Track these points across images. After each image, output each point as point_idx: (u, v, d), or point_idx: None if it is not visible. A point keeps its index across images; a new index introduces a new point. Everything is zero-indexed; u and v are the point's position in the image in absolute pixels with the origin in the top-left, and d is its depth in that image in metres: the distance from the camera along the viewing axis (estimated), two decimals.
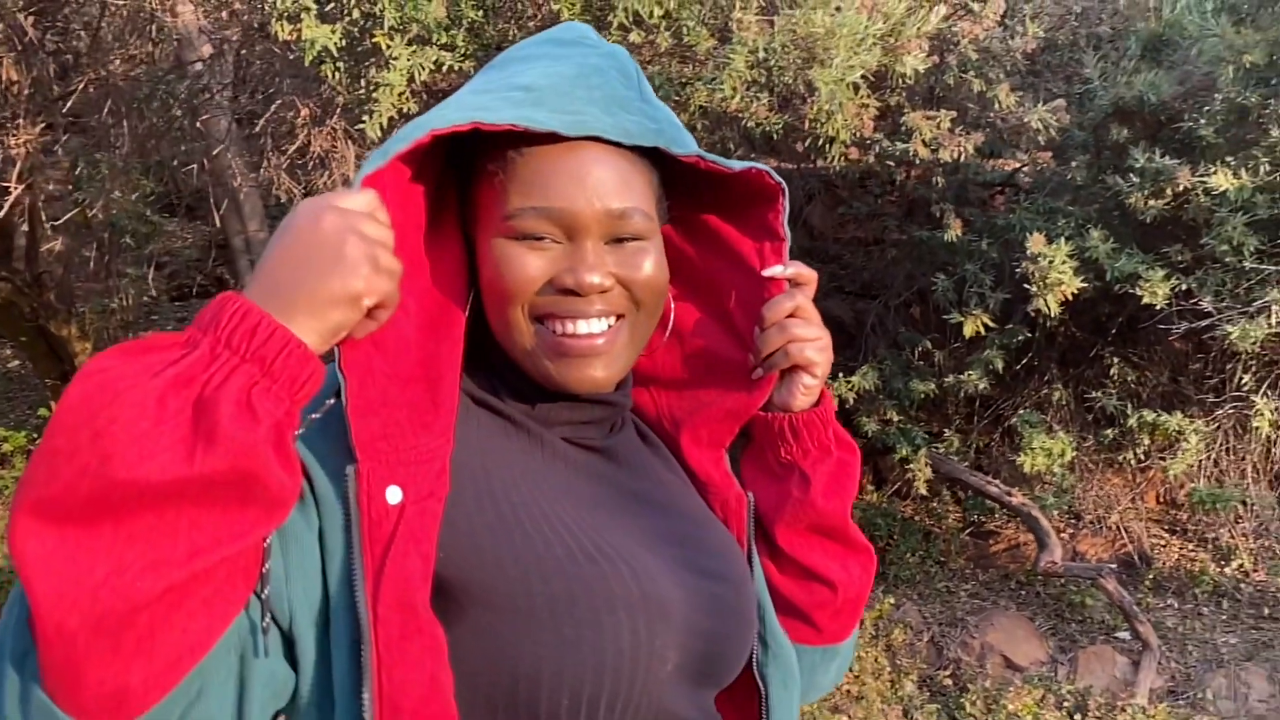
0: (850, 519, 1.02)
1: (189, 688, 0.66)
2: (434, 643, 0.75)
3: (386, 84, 3.26)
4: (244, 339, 0.67)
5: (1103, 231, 4.38)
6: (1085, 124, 4.58)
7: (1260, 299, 4.19)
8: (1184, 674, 4.66)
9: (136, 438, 0.61)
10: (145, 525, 0.61)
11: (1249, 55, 3.83)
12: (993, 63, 3.82)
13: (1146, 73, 4.23)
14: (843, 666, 1.12)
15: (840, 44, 3.24)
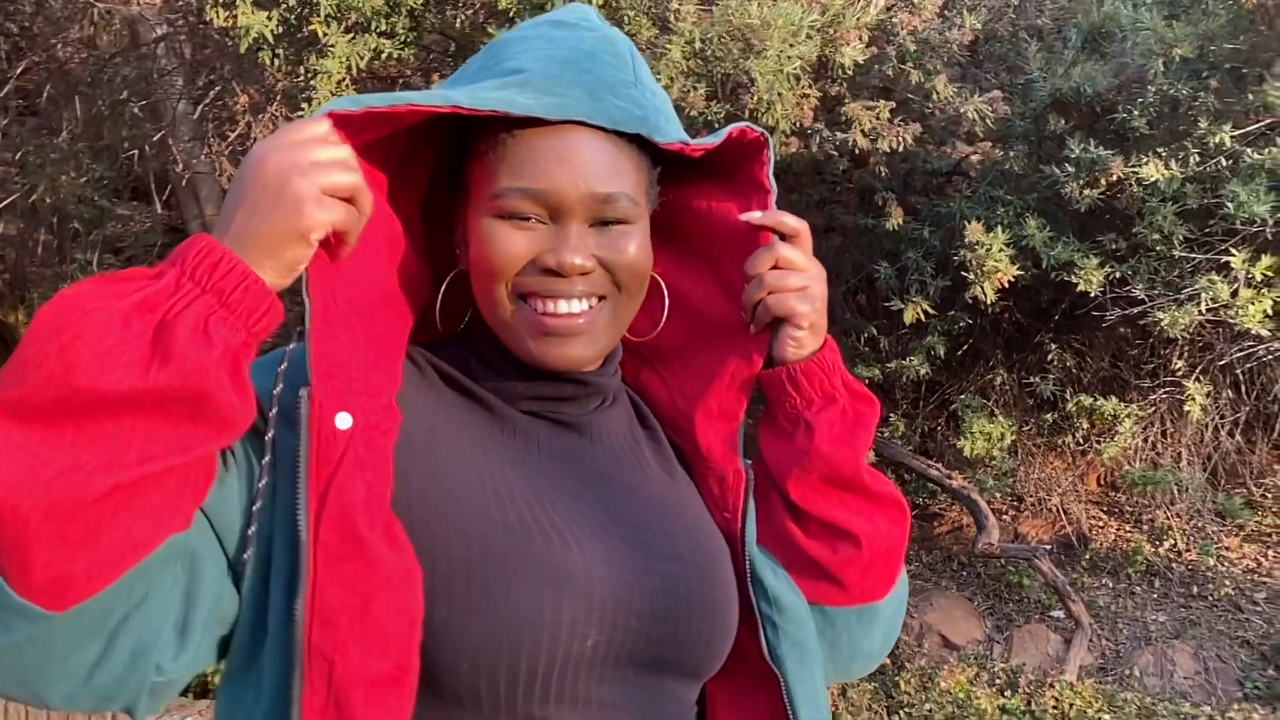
0: (866, 469, 0.97)
1: (131, 589, 0.70)
2: (372, 572, 0.76)
3: (324, 71, 3.28)
4: (206, 272, 0.72)
5: (1040, 220, 4.47)
6: (1027, 114, 4.66)
7: (1189, 287, 4.31)
8: (1114, 651, 4.80)
9: (99, 352, 0.67)
10: (103, 430, 0.67)
11: (1179, 49, 3.92)
12: (931, 54, 3.88)
13: (1084, 64, 4.31)
14: (890, 632, 1.06)
15: (775, 35, 3.29)
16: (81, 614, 0.69)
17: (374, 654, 0.75)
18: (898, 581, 1.02)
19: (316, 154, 0.77)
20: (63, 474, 0.66)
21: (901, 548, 1.01)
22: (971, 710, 4.07)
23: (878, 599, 1.00)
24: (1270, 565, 5.31)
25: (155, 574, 0.72)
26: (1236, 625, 4.91)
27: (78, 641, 0.70)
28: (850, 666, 1.05)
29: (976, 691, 4.27)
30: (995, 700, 4.22)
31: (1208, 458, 5.46)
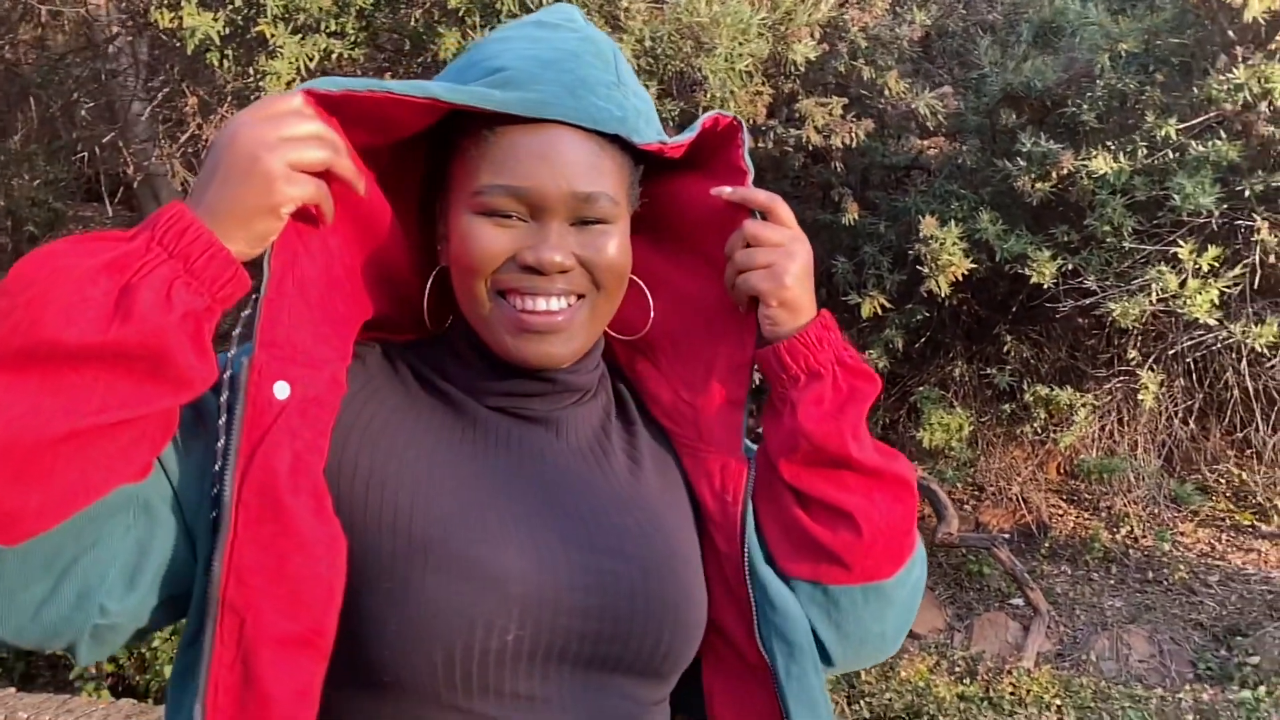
0: (861, 444, 0.94)
1: (81, 533, 0.74)
2: (289, 536, 0.78)
3: (273, 73, 3.27)
4: (174, 239, 0.76)
5: (993, 214, 4.53)
6: (980, 109, 4.72)
7: (1139, 277, 4.38)
8: (1072, 637, 4.88)
9: (65, 307, 0.71)
10: (65, 379, 0.71)
11: (1124, 44, 3.98)
12: (882, 50, 3.92)
13: (1034, 59, 4.37)
14: (904, 614, 1.01)
15: (724, 33, 3.31)
16: (31, 550, 0.72)
17: (285, 615, 0.78)
18: (908, 561, 0.98)
19: (288, 129, 0.79)
20: (22, 416, 0.70)
21: (908, 525, 0.97)
22: (930, 698, 4.12)
23: (883, 578, 0.96)
24: (1223, 549, 5.41)
25: (106, 522, 0.75)
26: (1190, 608, 5.01)
27: (26, 577, 0.73)
28: (861, 650, 1.00)
29: (936, 680, 4.32)
30: (954, 688, 4.27)
31: (1163, 445, 5.55)
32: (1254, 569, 5.23)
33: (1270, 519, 5.54)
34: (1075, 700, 4.22)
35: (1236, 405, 5.27)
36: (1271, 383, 5.24)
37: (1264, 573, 5.19)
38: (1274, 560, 5.28)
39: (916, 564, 1.00)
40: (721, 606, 0.96)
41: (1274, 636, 4.67)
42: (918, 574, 1.01)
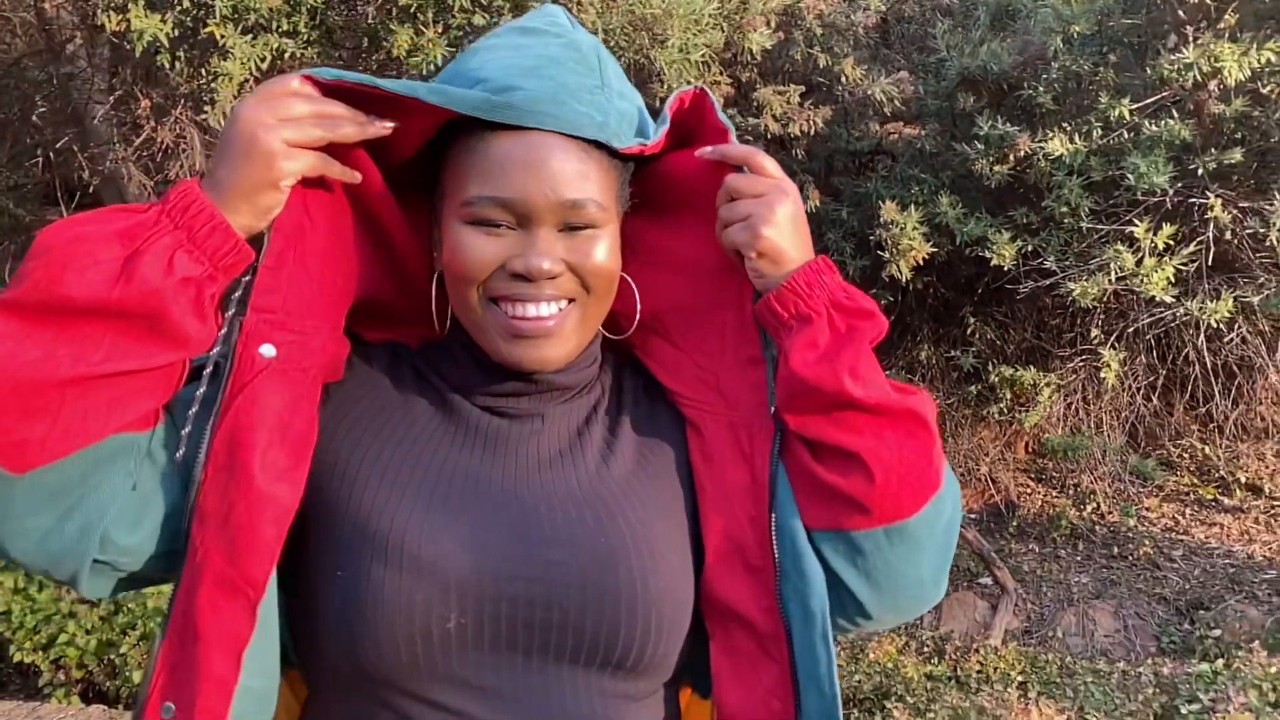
0: (863, 383, 0.90)
1: (85, 475, 0.82)
2: (239, 488, 0.84)
3: (225, 74, 3.24)
4: (180, 212, 0.83)
5: (953, 197, 4.57)
6: (940, 93, 4.75)
7: (1097, 257, 4.43)
8: (1039, 614, 4.95)
9: (79, 268, 0.79)
10: (76, 331, 0.80)
11: (1076, 26, 4.01)
12: (838, 37, 3.93)
13: (990, 43, 4.40)
14: (939, 555, 0.96)
15: (676, 24, 3.32)
16: (37, 483, 0.81)
17: (224, 558, 0.84)
18: (933, 499, 0.92)
19: (284, 110, 0.85)
20: (36, 360, 0.79)
21: (926, 460, 0.92)
22: (899, 679, 4.18)
23: (904, 517, 0.92)
24: (1187, 523, 5.49)
25: (108, 466, 0.83)
26: (1155, 583, 5.09)
27: (33, 507, 0.82)
28: (899, 599, 0.95)
29: (904, 660, 4.38)
30: (922, 668, 4.33)
31: (1128, 422, 5.62)
32: (1216, 543, 5.31)
33: (1233, 493, 5.62)
34: (1041, 676, 4.28)
35: (1198, 380, 5.34)
36: (1231, 357, 5.31)
37: (1226, 546, 5.27)
38: (1236, 534, 5.36)
39: (945, 501, 0.94)
40: (734, 579, 0.94)
41: (1235, 610, 4.75)
42: (949, 512, 0.95)
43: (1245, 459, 5.77)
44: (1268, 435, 5.61)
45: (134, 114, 3.55)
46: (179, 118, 3.58)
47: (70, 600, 4.03)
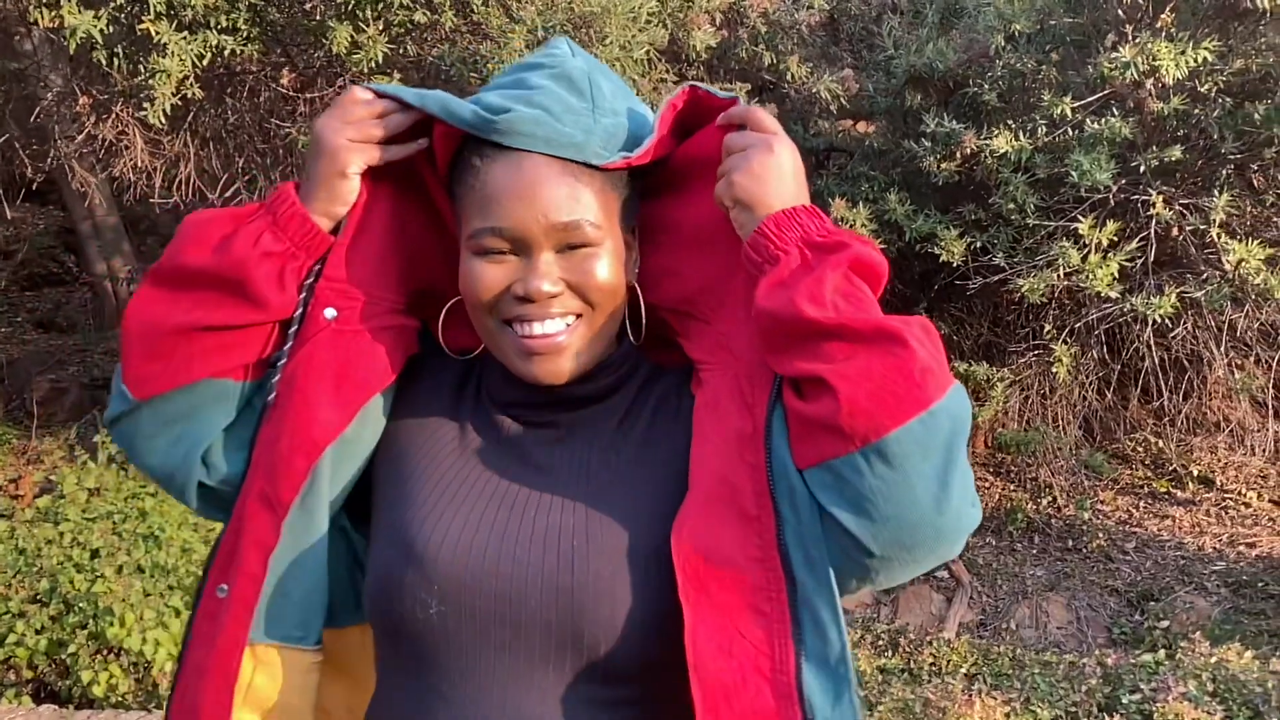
0: (820, 304, 0.90)
1: (192, 410, 1.01)
2: (285, 421, 1.00)
3: (163, 71, 3.24)
4: (274, 203, 1.02)
5: (902, 194, 4.61)
6: (889, 90, 4.79)
7: (1044, 253, 4.48)
8: (993, 606, 4.99)
9: (194, 243, 1.00)
10: (187, 293, 1.00)
11: (1017, 24, 4.05)
12: (782, 35, 3.96)
13: (936, 41, 4.43)
14: (944, 471, 0.89)
15: (614, 22, 3.33)
16: (155, 410, 1.01)
17: (265, 478, 1.00)
18: (920, 414, 0.87)
19: (348, 114, 1.01)
20: (158, 313, 1.00)
21: (903, 375, 0.88)
22: None
23: (881, 435, 0.88)
24: (1140, 516, 5.55)
25: (208, 406, 1.02)
26: (1107, 575, 5.14)
27: (153, 428, 1.03)
28: (897, 529, 0.89)
29: (858, 653, 4.40)
30: (875, 661, 4.36)
31: (1083, 416, 5.68)
32: (1168, 535, 5.37)
33: (1185, 486, 5.68)
34: (993, 669, 4.32)
35: (1150, 375, 5.40)
36: (1181, 352, 5.37)
37: (1178, 539, 5.33)
38: (1187, 526, 5.42)
39: (940, 418, 0.88)
40: (725, 527, 0.92)
41: (1184, 601, 4.81)
42: (946, 429, 0.88)
43: (1198, 452, 5.84)
44: (1219, 429, 5.68)
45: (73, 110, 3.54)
46: (119, 115, 3.57)
47: (19, 600, 4.01)
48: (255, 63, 3.74)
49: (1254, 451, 5.52)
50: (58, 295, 9.53)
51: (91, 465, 4.85)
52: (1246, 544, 5.19)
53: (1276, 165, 4.35)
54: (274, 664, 1.00)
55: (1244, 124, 4.20)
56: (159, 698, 3.64)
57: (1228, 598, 4.81)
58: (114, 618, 3.76)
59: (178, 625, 3.66)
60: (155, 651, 3.59)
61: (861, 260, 0.92)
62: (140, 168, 3.77)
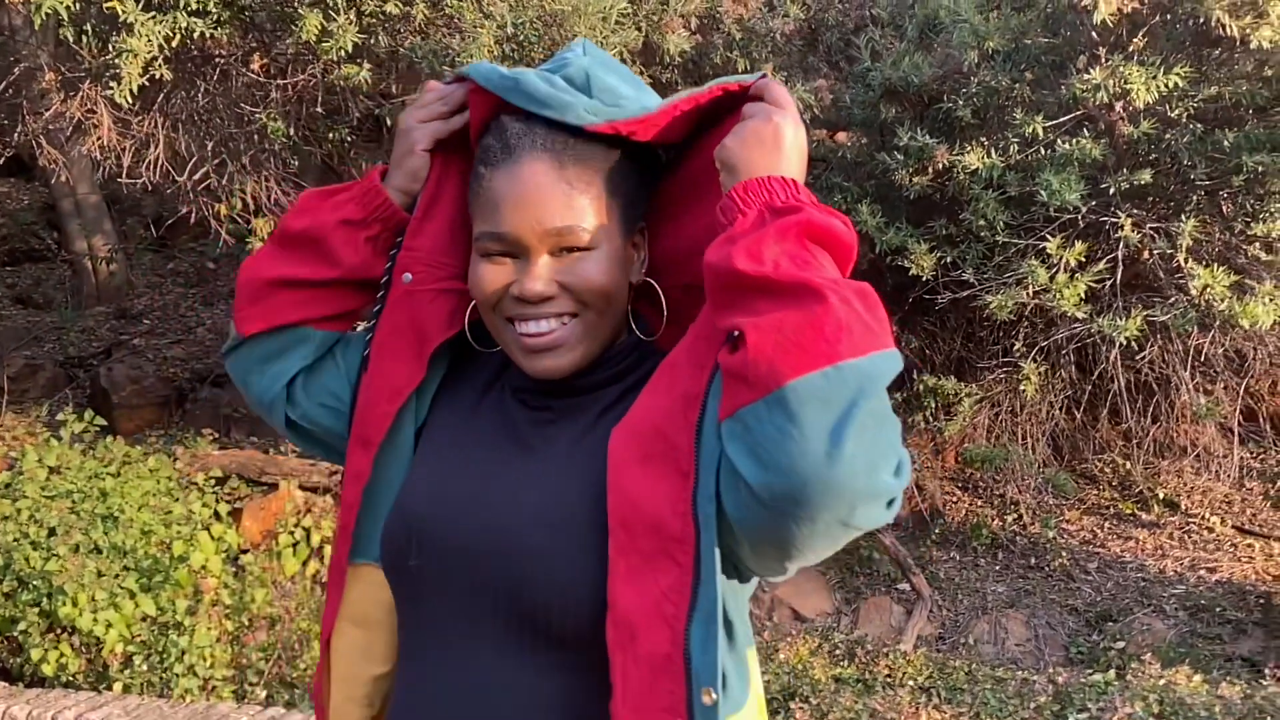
0: (754, 258, 0.91)
1: (280, 348, 1.19)
2: (371, 375, 1.14)
3: (130, 50, 3.23)
4: (361, 182, 1.19)
5: (874, 206, 4.62)
6: (866, 102, 4.80)
7: (1012, 270, 4.49)
8: (953, 621, 5.00)
9: (299, 212, 1.19)
10: (286, 251, 1.19)
11: (990, 41, 4.07)
12: (757, 42, 3.97)
13: (913, 55, 4.45)
14: (829, 428, 0.87)
15: (583, 21, 3.34)
16: (254, 346, 1.20)
17: (360, 421, 1.14)
18: (824, 368, 0.87)
19: (421, 100, 1.15)
20: (264, 267, 1.20)
21: (813, 328, 0.88)
22: (806, 680, 4.20)
23: (780, 384, 0.88)
24: (1105, 537, 5.56)
25: (295, 346, 1.19)
26: (1068, 594, 5.15)
27: (252, 362, 1.22)
28: (788, 478, 0.87)
29: (815, 662, 4.41)
30: (831, 670, 4.36)
31: (1052, 435, 5.69)
32: (1131, 557, 5.38)
33: (1150, 508, 5.70)
34: (948, 682, 4.32)
35: (1119, 396, 5.41)
36: (1151, 375, 5.39)
37: (1139, 560, 5.35)
38: (1150, 548, 5.44)
39: (846, 374, 0.87)
40: (659, 480, 0.95)
41: (1142, 623, 4.82)
42: (852, 386, 0.87)
43: (1165, 475, 5.86)
44: (1186, 453, 5.70)
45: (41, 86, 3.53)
46: (88, 93, 3.56)
47: None
48: (226, 47, 3.73)
49: (1220, 477, 5.54)
50: (38, 271, 9.50)
51: (54, 443, 4.84)
52: (1207, 568, 5.21)
53: (1245, 193, 4.37)
54: (365, 581, 1.13)
55: (1214, 151, 4.21)
56: (109, 678, 3.62)
57: (1185, 621, 4.83)
58: (66, 597, 3.75)
59: (130, 607, 3.65)
60: (106, 632, 3.57)
61: (816, 226, 0.92)
62: (109, 147, 3.76)
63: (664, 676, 0.93)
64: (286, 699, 3.42)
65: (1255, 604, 4.87)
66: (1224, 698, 3.54)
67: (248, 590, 3.63)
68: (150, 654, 3.55)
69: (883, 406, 0.90)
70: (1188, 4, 4.04)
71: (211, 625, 3.46)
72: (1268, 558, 5.22)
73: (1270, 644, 4.43)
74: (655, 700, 0.93)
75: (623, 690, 0.94)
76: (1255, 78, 4.31)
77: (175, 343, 8.28)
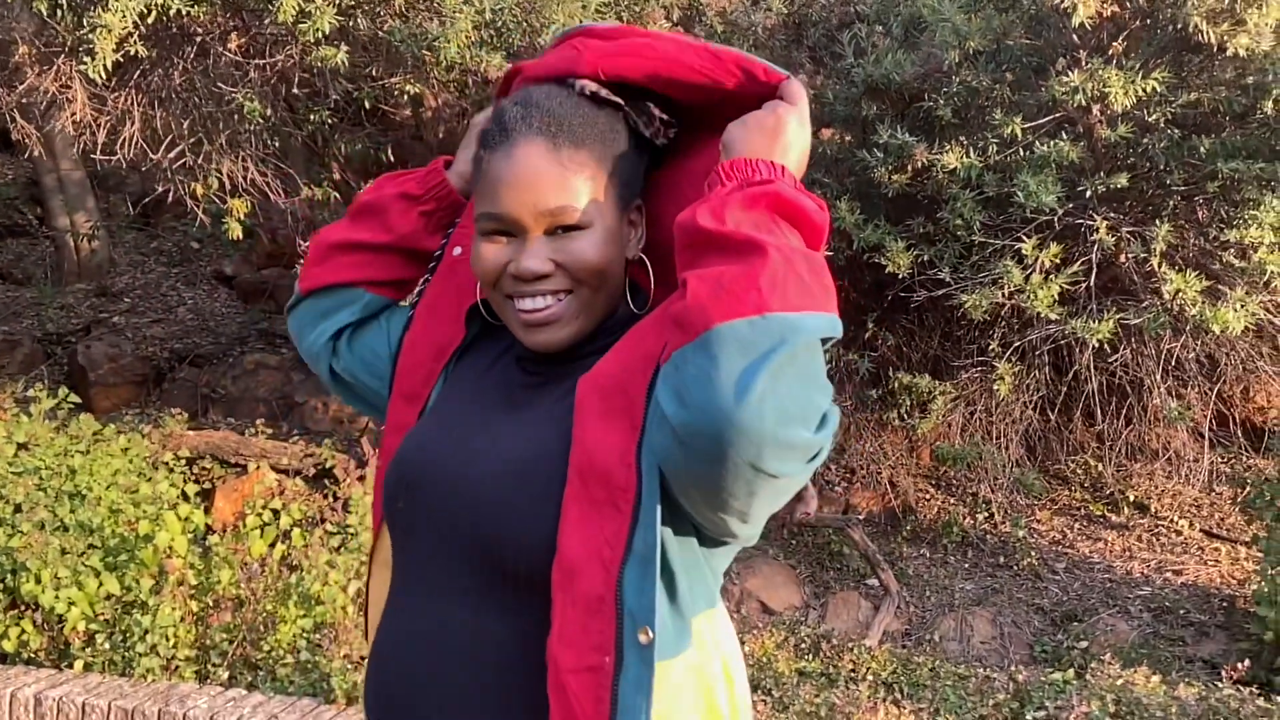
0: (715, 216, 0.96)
1: (333, 305, 1.32)
2: (416, 333, 1.26)
3: (104, 25, 3.21)
4: (427, 166, 1.33)
5: (853, 203, 4.63)
6: (849, 99, 4.80)
7: (988, 270, 4.51)
8: (920, 618, 5.03)
9: (372, 189, 1.33)
10: (355, 221, 1.33)
11: (971, 41, 4.07)
12: (739, 36, 3.96)
13: (895, 53, 4.45)
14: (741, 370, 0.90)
15: (562, 9, 3.33)
16: (311, 300, 1.34)
17: (406, 375, 1.24)
18: (753, 317, 0.91)
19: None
20: (332, 233, 1.36)
21: (748, 280, 0.92)
22: (770, 673, 4.23)
23: (708, 327, 0.92)
24: (1074, 537, 5.61)
25: (347, 304, 1.32)
26: (1035, 593, 5.19)
27: (308, 318, 1.35)
28: (698, 412, 0.91)
29: (780, 655, 4.43)
30: (795, 664, 4.39)
31: (1025, 434, 5.72)
32: (1099, 558, 5.43)
33: (1121, 510, 5.74)
34: (911, 678, 4.36)
35: (1093, 398, 5.44)
36: (1124, 377, 5.42)
37: (1107, 561, 5.39)
38: (1119, 549, 5.48)
39: (772, 324, 0.91)
40: (614, 433, 1.00)
41: (1106, 623, 4.86)
42: (775, 336, 0.90)
43: (1137, 478, 5.90)
44: (1158, 456, 5.74)
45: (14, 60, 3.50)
46: (62, 68, 3.54)
47: None
48: (204, 25, 3.70)
49: (1189, 481, 5.58)
50: (19, 247, 9.43)
51: (24, 419, 4.81)
52: (1173, 571, 5.26)
53: (1219, 199, 4.39)
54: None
55: (1190, 156, 4.24)
56: (70, 656, 3.61)
57: (1149, 622, 4.87)
58: (29, 573, 3.73)
59: (94, 585, 3.64)
60: (69, 610, 3.56)
61: (784, 200, 0.97)
62: (83, 123, 3.73)
63: (596, 617, 0.97)
64: (249, 680, 3.42)
65: (1218, 607, 4.92)
66: (1180, 699, 3.57)
67: (213, 571, 3.62)
68: (113, 633, 3.54)
69: (808, 361, 0.92)
70: (1168, 9, 4.06)
71: (176, 605, 3.45)
72: (1233, 562, 5.27)
73: (1231, 646, 4.47)
74: (587, 639, 0.98)
75: (560, 628, 0.99)
76: (1234, 85, 4.33)
77: (155, 321, 8.24)
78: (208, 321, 8.31)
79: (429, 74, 3.78)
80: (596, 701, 0.96)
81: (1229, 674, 3.53)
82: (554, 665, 0.99)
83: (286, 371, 7.26)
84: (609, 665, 0.97)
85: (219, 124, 4.33)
